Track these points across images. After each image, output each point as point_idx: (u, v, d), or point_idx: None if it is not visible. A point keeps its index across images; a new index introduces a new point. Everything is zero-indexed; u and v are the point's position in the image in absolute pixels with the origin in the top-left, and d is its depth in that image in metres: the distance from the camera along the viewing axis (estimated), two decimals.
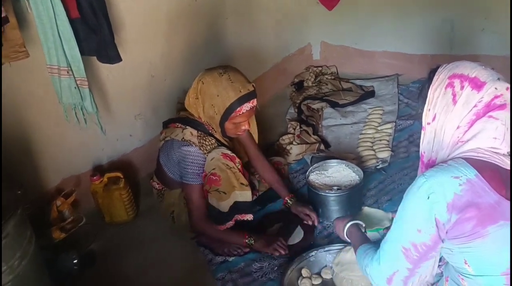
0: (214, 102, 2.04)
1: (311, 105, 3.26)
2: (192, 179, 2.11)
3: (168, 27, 2.72)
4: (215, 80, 2.03)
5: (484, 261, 1.26)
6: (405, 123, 3.04)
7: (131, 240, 2.34)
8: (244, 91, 2.02)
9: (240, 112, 2.03)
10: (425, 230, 1.27)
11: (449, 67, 1.35)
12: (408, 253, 1.32)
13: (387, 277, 1.38)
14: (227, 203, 2.08)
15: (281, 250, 2.07)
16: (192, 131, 2.11)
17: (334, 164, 2.42)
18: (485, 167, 1.25)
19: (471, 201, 1.21)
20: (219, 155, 2.09)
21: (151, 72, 2.69)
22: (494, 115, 1.26)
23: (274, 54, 3.60)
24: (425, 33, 3.47)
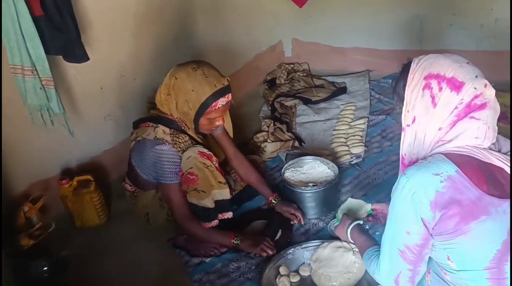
0: (188, 98, 1.99)
1: (284, 102, 3.25)
2: (170, 178, 2.05)
3: (137, 25, 2.66)
4: (189, 75, 1.99)
5: (467, 257, 1.27)
6: (377, 118, 3.06)
7: (103, 244, 2.27)
8: (219, 86, 1.99)
9: (216, 107, 1.99)
10: (414, 231, 1.28)
11: (423, 65, 1.31)
12: (404, 255, 1.33)
13: (393, 279, 1.39)
14: (208, 201, 2.04)
15: (268, 250, 2.03)
16: (164, 129, 2.06)
17: (309, 160, 2.41)
18: (465, 162, 1.25)
19: (453, 197, 1.21)
20: (196, 153, 2.05)
21: (120, 72, 2.63)
22: (476, 116, 1.26)
23: (246, 52, 3.57)
24: (395, 29, 3.50)
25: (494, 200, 1.23)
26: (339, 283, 1.85)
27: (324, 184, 2.25)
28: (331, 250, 1.94)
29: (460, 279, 1.31)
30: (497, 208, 1.23)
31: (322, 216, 2.28)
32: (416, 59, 1.34)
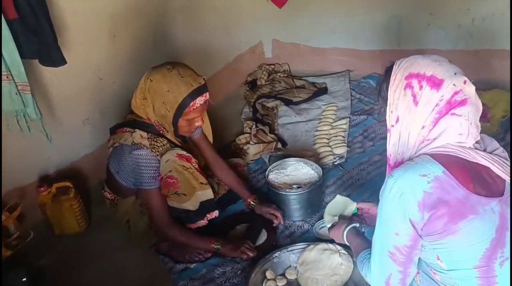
0: (165, 100, 1.95)
1: (265, 104, 3.24)
2: (149, 184, 2.01)
3: (115, 27, 2.61)
4: (164, 77, 1.95)
5: (456, 256, 1.27)
6: (359, 118, 3.07)
7: (84, 252, 2.22)
8: (196, 85, 1.96)
9: (194, 107, 1.96)
10: (403, 232, 1.28)
11: (403, 66, 1.33)
12: (394, 257, 1.33)
13: (384, 281, 1.39)
14: (190, 204, 2.01)
15: (249, 252, 2.01)
16: (141, 133, 2.02)
17: (292, 162, 2.40)
18: (451, 162, 1.26)
19: (441, 198, 1.22)
20: (174, 156, 2.01)
21: (99, 75, 2.57)
22: (457, 112, 1.26)
23: (226, 54, 3.55)
24: (373, 29, 3.52)
25: (482, 199, 1.24)
26: (326, 285, 1.84)
27: (309, 185, 2.24)
28: (317, 253, 1.93)
29: (450, 279, 1.31)
30: (485, 207, 1.24)
31: (307, 218, 2.27)
32: (398, 62, 1.36)
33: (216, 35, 3.41)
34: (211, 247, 2.03)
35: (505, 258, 1.25)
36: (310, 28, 3.70)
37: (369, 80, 3.47)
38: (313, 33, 3.71)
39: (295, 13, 3.64)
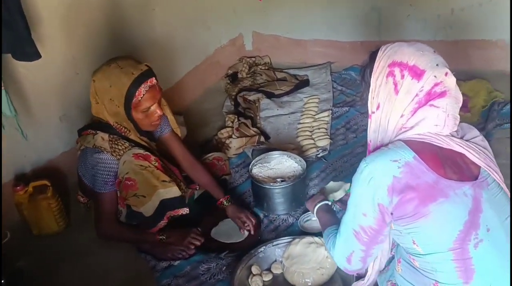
0: (111, 95, 1.90)
1: (247, 97, 3.20)
2: (99, 187, 1.96)
3: (91, 20, 2.54)
4: (105, 73, 1.91)
5: (430, 239, 1.29)
6: (341, 110, 3.06)
7: (64, 253, 2.16)
8: (137, 73, 1.88)
9: (140, 95, 1.89)
10: (370, 214, 1.31)
11: (388, 53, 1.33)
12: (359, 236, 1.37)
13: (346, 257, 1.44)
14: (149, 206, 1.94)
15: (195, 242, 2.00)
16: (103, 136, 1.96)
17: (276, 155, 2.37)
18: (423, 148, 1.28)
19: (410, 182, 1.24)
20: (131, 156, 1.95)
21: (75, 69, 2.50)
22: (435, 104, 1.28)
23: (206, 46, 3.50)
24: (354, 20, 3.51)
25: (453, 183, 1.26)
26: (313, 279, 1.83)
27: (293, 179, 2.22)
28: (303, 246, 1.91)
29: (428, 263, 1.32)
30: (456, 191, 1.26)
31: (292, 211, 2.25)
32: (383, 47, 1.36)
33: (195, 27, 3.35)
34: (157, 238, 2.00)
35: (479, 240, 1.27)
36: (290, 20, 3.68)
37: (351, 72, 3.46)
38: (293, 25, 3.68)
39: (275, 5, 3.62)
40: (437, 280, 1.31)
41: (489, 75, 3.09)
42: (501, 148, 2.49)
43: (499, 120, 2.71)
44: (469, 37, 3.20)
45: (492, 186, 1.33)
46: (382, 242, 1.38)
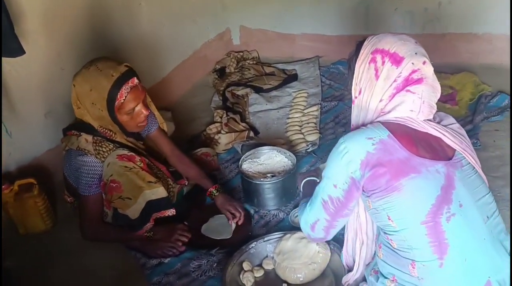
0: (93, 99, 1.85)
1: (235, 92, 3.18)
2: (83, 190, 1.94)
3: (76, 15, 2.49)
4: (84, 76, 1.86)
5: (403, 213, 1.34)
6: (329, 104, 3.05)
7: (52, 252, 2.12)
8: (117, 74, 1.84)
9: (123, 97, 1.85)
10: (340, 186, 1.39)
11: (373, 41, 1.41)
12: (326, 206, 1.45)
13: (311, 224, 1.54)
14: (135, 209, 1.91)
15: (182, 238, 1.98)
16: (86, 137, 1.93)
17: (266, 150, 2.36)
18: (399, 128, 1.36)
19: (383, 158, 1.32)
20: (114, 158, 1.92)
21: (60, 65, 2.45)
22: (412, 89, 1.35)
23: (193, 41, 3.46)
24: (341, 14, 3.50)
25: (425, 161, 1.33)
26: (304, 274, 1.82)
27: (283, 173, 2.21)
28: (294, 242, 1.90)
29: (403, 241, 1.36)
30: (428, 168, 1.32)
31: (282, 207, 2.23)
32: (369, 37, 1.44)
33: (182, 22, 3.32)
34: (144, 235, 1.98)
35: (452, 214, 1.31)
36: (278, 14, 3.65)
37: (339, 66, 3.46)
38: (281, 19, 3.66)
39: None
40: (413, 259, 1.34)
41: (476, 68, 3.11)
42: (489, 141, 2.51)
43: (486, 113, 2.72)
44: (456, 30, 3.21)
45: (466, 167, 1.39)
46: (347, 216, 1.47)
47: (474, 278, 1.33)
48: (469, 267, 1.32)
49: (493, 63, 3.16)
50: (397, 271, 1.40)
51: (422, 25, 3.27)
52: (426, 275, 1.34)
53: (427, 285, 1.34)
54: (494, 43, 3.15)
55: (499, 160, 2.37)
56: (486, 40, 3.16)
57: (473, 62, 3.18)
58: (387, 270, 1.43)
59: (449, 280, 1.33)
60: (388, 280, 1.42)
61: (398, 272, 1.39)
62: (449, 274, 1.32)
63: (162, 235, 2.00)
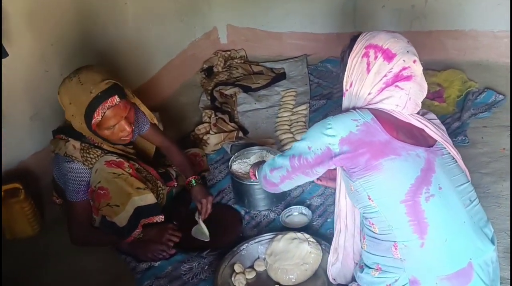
0: (72, 112, 1.82)
1: (223, 91, 3.15)
2: (70, 196, 1.92)
3: (60, 15, 2.45)
4: (65, 88, 1.82)
5: (383, 192, 1.38)
6: (318, 103, 3.04)
7: (39, 257, 2.10)
8: (96, 92, 1.76)
9: (99, 116, 1.79)
10: (313, 150, 1.44)
11: (367, 37, 1.45)
12: (293, 160, 1.51)
13: (272, 167, 1.61)
14: (123, 216, 1.89)
15: (174, 238, 1.97)
16: (74, 144, 1.90)
17: (255, 150, 2.34)
18: (383, 114, 1.41)
19: (364, 139, 1.37)
20: (102, 164, 1.89)
21: (44, 67, 2.41)
22: (400, 85, 1.40)
23: (180, 40, 3.43)
24: (329, 12, 3.49)
25: (406, 145, 1.38)
26: (296, 275, 1.81)
27: None
28: (286, 242, 1.89)
29: (384, 222, 1.40)
30: (409, 152, 1.37)
31: (273, 207, 2.22)
32: (364, 33, 1.48)
33: (169, 21, 3.29)
34: (134, 237, 1.96)
35: (431, 194, 1.36)
36: (265, 12, 3.64)
37: (327, 64, 3.45)
38: (268, 18, 3.65)
39: None
40: (395, 240, 1.38)
41: (463, 65, 3.13)
42: (477, 137, 2.53)
43: (474, 110, 2.74)
44: (443, 27, 3.22)
45: (447, 156, 1.45)
46: (308, 175, 1.51)
47: (455, 259, 1.36)
48: (449, 248, 1.36)
49: (479, 59, 3.18)
50: (381, 258, 1.43)
51: (409, 23, 3.28)
52: (408, 256, 1.37)
53: (409, 266, 1.38)
54: (480, 40, 3.17)
55: (487, 156, 2.38)
56: (472, 37, 3.18)
57: (460, 59, 3.20)
58: (372, 260, 1.47)
59: (430, 260, 1.36)
60: (373, 270, 1.45)
61: (381, 259, 1.43)
62: (430, 254, 1.36)
63: (152, 235, 1.98)
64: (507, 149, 2.41)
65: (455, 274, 1.35)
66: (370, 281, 1.46)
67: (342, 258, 1.69)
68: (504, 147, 2.43)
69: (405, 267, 1.38)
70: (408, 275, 1.38)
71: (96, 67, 1.86)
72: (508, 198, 2.11)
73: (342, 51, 1.53)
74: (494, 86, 2.92)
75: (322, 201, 2.23)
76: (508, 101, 2.77)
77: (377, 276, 1.44)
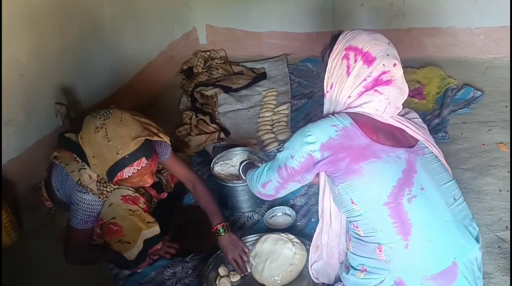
0: (94, 163, 1.69)
1: (204, 92, 3.12)
2: (78, 224, 1.84)
3: (36, 18, 2.39)
4: (89, 138, 1.65)
5: (365, 196, 1.38)
6: (299, 102, 3.04)
7: (18, 266, 2.04)
8: (124, 153, 1.63)
9: (123, 177, 1.68)
10: (296, 158, 1.44)
11: (348, 37, 1.44)
12: (280, 171, 1.51)
13: (263, 182, 1.61)
14: (133, 252, 1.83)
15: (171, 250, 1.93)
16: (91, 174, 1.78)
17: (238, 152, 2.32)
18: (362, 118, 1.41)
19: (344, 143, 1.37)
20: (119, 199, 1.82)
21: (19, 71, 2.34)
22: (380, 90, 1.39)
23: (159, 41, 3.39)
24: (308, 11, 3.49)
25: (385, 147, 1.38)
26: (282, 276, 1.80)
27: None
28: (271, 244, 1.87)
29: (368, 224, 1.39)
30: (389, 154, 1.37)
31: (256, 208, 2.21)
32: (345, 32, 1.46)
33: (147, 22, 3.24)
34: None
35: (413, 195, 1.36)
36: (244, 12, 3.62)
37: (307, 63, 3.45)
38: (247, 17, 3.63)
39: None
40: (379, 242, 1.38)
41: (442, 62, 3.16)
42: (457, 133, 2.55)
43: (453, 106, 2.76)
44: (421, 25, 3.24)
45: (429, 156, 1.45)
46: (299, 182, 1.52)
47: (440, 259, 1.36)
48: (434, 248, 1.36)
49: (457, 56, 3.22)
50: (366, 259, 1.43)
51: (387, 21, 3.30)
52: (393, 257, 1.37)
53: (394, 267, 1.37)
54: (458, 37, 3.20)
55: (467, 152, 2.40)
56: (450, 34, 3.21)
57: (438, 56, 3.23)
58: (357, 261, 1.46)
59: (415, 260, 1.36)
60: (358, 271, 1.45)
61: (366, 260, 1.43)
62: (415, 255, 1.36)
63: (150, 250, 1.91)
64: (475, 143, 2.44)
65: (440, 273, 1.35)
66: (356, 282, 1.46)
67: (327, 257, 1.68)
68: (484, 143, 2.45)
69: (390, 268, 1.38)
70: (394, 277, 1.38)
71: (126, 117, 1.68)
72: (488, 192, 2.13)
73: (323, 50, 1.52)
74: (472, 82, 2.95)
75: (306, 201, 2.22)
76: (486, 97, 2.81)
77: (362, 278, 1.43)
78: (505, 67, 3.02)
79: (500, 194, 2.11)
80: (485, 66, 3.10)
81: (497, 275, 1.74)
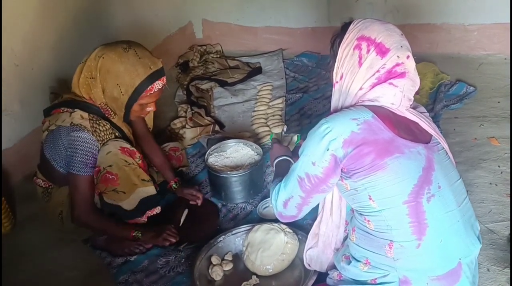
0: (120, 81, 1.79)
1: (199, 86, 3.14)
2: (78, 168, 1.83)
3: (32, 8, 2.39)
4: (120, 56, 1.78)
5: (386, 193, 1.33)
6: (294, 97, 3.06)
7: (11, 255, 2.03)
8: (155, 68, 1.82)
9: (151, 91, 1.83)
10: (319, 164, 1.35)
11: (359, 26, 1.38)
12: (302, 183, 1.41)
13: (283, 201, 1.49)
14: (128, 202, 1.86)
15: (171, 238, 1.94)
16: (82, 114, 1.84)
17: (232, 144, 2.33)
18: (381, 110, 1.35)
19: (368, 138, 1.30)
20: (117, 149, 1.85)
21: (14, 61, 2.35)
22: (394, 83, 1.34)
23: (154, 35, 3.40)
24: (303, 6, 3.52)
25: (407, 142, 1.33)
26: (273, 266, 1.81)
27: (249, 166, 2.19)
28: (263, 233, 1.89)
29: (383, 221, 1.35)
30: (410, 149, 1.32)
31: (250, 199, 2.22)
32: (356, 20, 1.41)
33: (143, 15, 3.25)
34: (132, 235, 1.91)
35: (432, 194, 1.33)
36: (240, 7, 3.64)
37: (302, 58, 3.47)
38: (243, 12, 3.65)
39: None
40: (391, 239, 1.34)
41: (435, 58, 3.19)
42: (449, 128, 2.58)
43: (446, 102, 2.79)
44: (416, 21, 3.27)
45: (442, 152, 1.41)
46: (324, 191, 1.43)
47: (447, 259, 1.35)
48: (443, 249, 1.34)
49: (451, 52, 3.25)
50: (371, 254, 1.39)
51: (382, 16, 3.30)
52: (402, 256, 1.34)
53: (402, 266, 1.35)
54: (452, 33, 3.23)
55: (459, 146, 2.43)
56: (445, 30, 3.24)
57: (432, 52, 3.26)
58: (361, 253, 1.42)
59: (423, 261, 1.34)
60: (361, 263, 1.41)
61: (372, 255, 1.39)
62: (425, 255, 1.34)
63: (151, 236, 1.93)
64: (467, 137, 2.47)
65: (445, 274, 1.34)
66: (357, 274, 1.43)
67: (323, 246, 1.65)
68: (476, 137, 2.48)
69: (397, 266, 1.35)
70: (399, 275, 1.35)
71: (142, 45, 1.89)
72: (479, 185, 2.16)
73: (332, 38, 1.46)
74: (465, 78, 2.98)
75: None
76: (478, 93, 2.83)
77: (365, 271, 1.40)
78: (498, 63, 3.05)
79: (491, 186, 2.14)
80: (479, 63, 3.13)
81: (486, 265, 1.76)
